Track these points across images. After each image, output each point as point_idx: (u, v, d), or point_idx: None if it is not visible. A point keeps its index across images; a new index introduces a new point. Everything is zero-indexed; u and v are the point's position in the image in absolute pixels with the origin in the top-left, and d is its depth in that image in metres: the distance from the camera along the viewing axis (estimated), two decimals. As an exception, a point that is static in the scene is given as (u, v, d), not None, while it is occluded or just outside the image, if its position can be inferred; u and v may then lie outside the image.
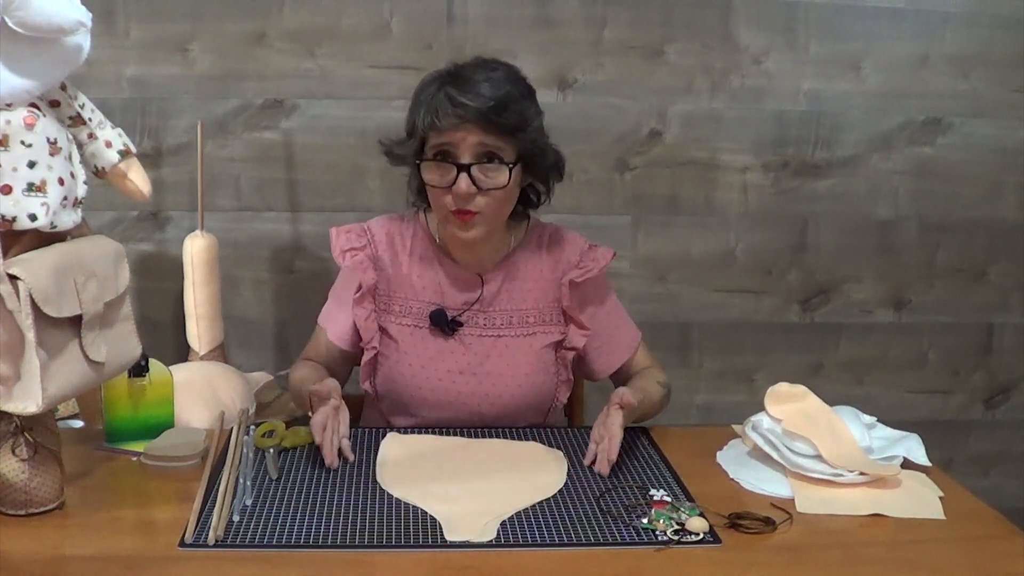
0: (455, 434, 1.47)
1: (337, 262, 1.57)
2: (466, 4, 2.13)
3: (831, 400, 1.39)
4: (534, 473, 1.32)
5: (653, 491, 1.24)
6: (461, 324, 1.55)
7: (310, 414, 1.39)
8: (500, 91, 1.42)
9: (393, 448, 1.39)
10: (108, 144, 1.21)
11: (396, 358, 1.54)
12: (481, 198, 1.44)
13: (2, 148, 1.08)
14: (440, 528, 1.14)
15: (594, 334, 1.59)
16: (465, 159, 1.42)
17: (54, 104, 1.17)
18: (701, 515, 1.16)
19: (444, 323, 1.53)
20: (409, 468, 1.32)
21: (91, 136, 1.20)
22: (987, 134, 2.32)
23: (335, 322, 1.60)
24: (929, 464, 1.35)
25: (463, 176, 1.42)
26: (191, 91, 2.11)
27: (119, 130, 1.23)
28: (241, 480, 1.23)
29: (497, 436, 1.46)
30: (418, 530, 1.13)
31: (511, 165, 1.44)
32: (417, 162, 1.48)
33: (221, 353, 2.02)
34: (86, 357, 1.14)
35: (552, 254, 1.60)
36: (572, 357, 1.59)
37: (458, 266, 1.57)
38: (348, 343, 1.59)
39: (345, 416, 1.37)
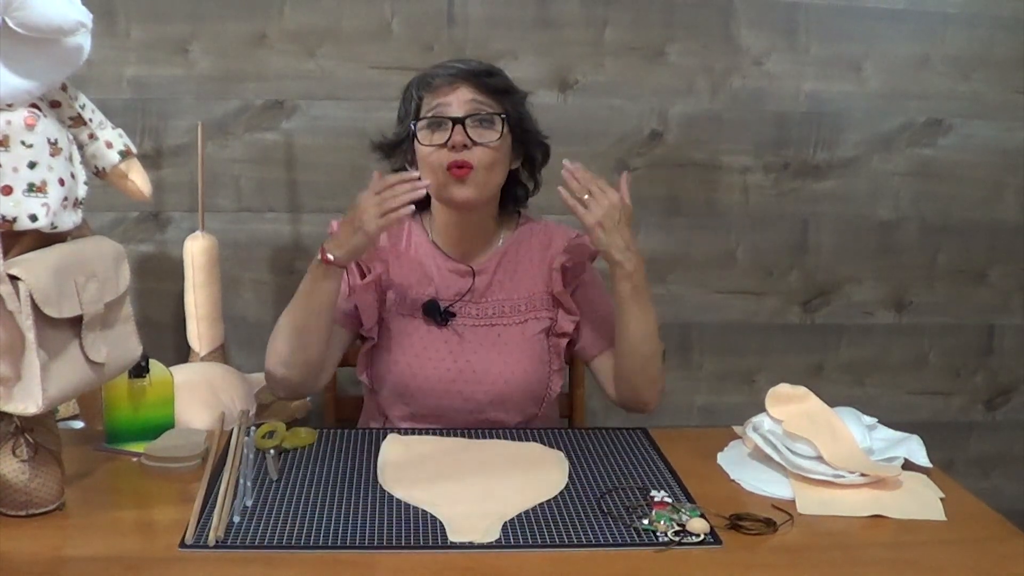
0: (456, 435, 1.47)
1: None
2: (467, 5, 2.13)
3: (832, 401, 1.39)
4: (535, 474, 1.32)
5: (654, 492, 1.23)
6: (453, 315, 1.57)
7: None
8: (487, 65, 1.57)
9: (394, 449, 1.39)
10: (109, 145, 1.21)
11: (391, 348, 1.56)
12: (475, 152, 1.49)
13: (3, 149, 1.08)
14: (441, 529, 1.14)
15: (587, 314, 1.62)
16: (459, 113, 1.50)
17: (55, 105, 1.17)
18: (702, 516, 1.16)
19: (437, 313, 1.56)
20: (410, 469, 1.32)
21: (92, 137, 1.20)
22: (988, 135, 2.32)
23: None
24: (930, 465, 1.35)
25: (457, 128, 1.48)
26: (191, 92, 2.11)
27: (119, 131, 1.23)
28: (241, 481, 1.22)
29: (498, 437, 1.46)
30: (419, 531, 1.13)
31: (502, 116, 1.52)
32: (412, 127, 1.53)
33: (221, 354, 2.02)
34: (86, 358, 1.14)
35: (542, 242, 1.64)
36: (564, 344, 1.61)
37: (450, 260, 1.59)
38: (346, 324, 1.60)
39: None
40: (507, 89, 1.55)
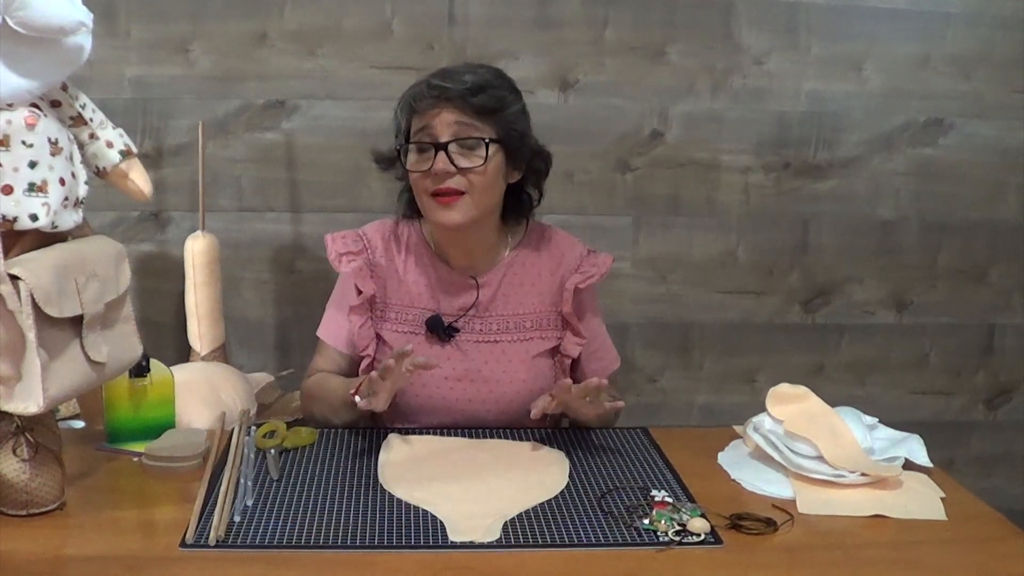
0: (456, 435, 1.47)
1: (334, 266, 1.57)
2: (467, 5, 2.13)
3: (832, 401, 1.39)
4: (536, 473, 1.32)
5: (654, 492, 1.24)
6: (457, 330, 1.55)
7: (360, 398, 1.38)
8: (479, 78, 1.47)
9: (395, 449, 1.39)
10: (109, 144, 1.21)
11: None
12: (461, 178, 1.45)
13: (3, 148, 1.08)
14: (441, 528, 1.14)
15: (588, 340, 1.59)
16: (443, 138, 1.45)
17: (55, 104, 1.17)
18: (702, 516, 1.16)
19: (440, 329, 1.54)
20: (411, 469, 1.32)
21: (92, 136, 1.20)
22: (988, 135, 2.32)
23: (339, 331, 1.60)
24: (930, 465, 1.35)
25: (440, 154, 1.44)
26: (192, 91, 2.11)
27: (120, 130, 1.23)
28: (242, 481, 1.23)
29: (498, 437, 1.46)
30: (419, 530, 1.13)
31: (487, 141, 1.45)
32: (397, 148, 1.51)
33: (222, 354, 2.02)
34: (87, 357, 1.14)
35: (552, 256, 1.60)
36: (569, 364, 1.59)
37: (453, 271, 1.57)
38: (351, 348, 1.59)
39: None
40: (497, 106, 1.47)
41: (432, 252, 1.59)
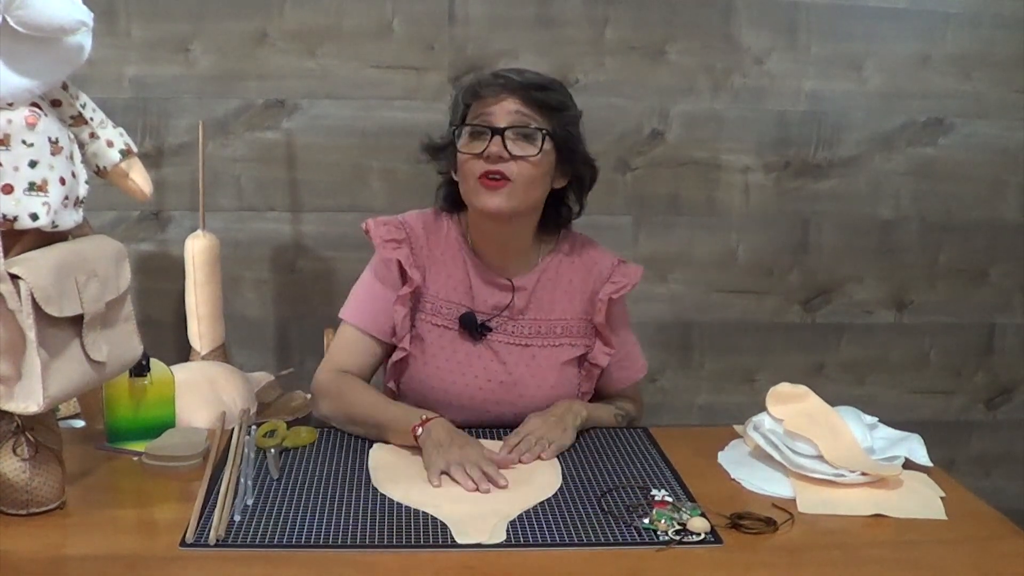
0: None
1: (379, 252, 1.54)
2: (467, 4, 2.13)
3: (832, 400, 1.39)
4: (531, 473, 1.32)
5: (654, 491, 1.24)
6: (490, 329, 1.54)
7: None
8: (544, 79, 1.52)
9: (381, 453, 1.37)
10: (109, 143, 1.21)
11: (423, 359, 1.53)
12: (512, 165, 1.45)
13: (3, 147, 1.08)
14: (442, 528, 1.14)
15: (616, 349, 1.59)
16: (501, 124, 1.46)
17: (55, 103, 1.17)
18: (702, 515, 1.16)
19: (474, 327, 1.53)
20: (402, 470, 1.31)
21: (92, 135, 1.20)
22: (989, 134, 2.32)
23: (375, 314, 1.55)
24: (930, 464, 1.35)
25: (496, 138, 1.44)
26: (192, 91, 2.11)
27: (120, 129, 1.23)
28: (242, 480, 1.23)
29: (487, 437, 1.45)
30: (419, 530, 1.13)
31: (544, 132, 1.46)
32: (453, 131, 1.51)
33: (222, 353, 2.02)
34: (87, 357, 1.14)
35: (584, 264, 1.60)
36: (597, 373, 1.59)
37: (489, 269, 1.56)
38: (389, 335, 1.55)
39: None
40: (558, 106, 1.49)
41: (468, 248, 1.57)
